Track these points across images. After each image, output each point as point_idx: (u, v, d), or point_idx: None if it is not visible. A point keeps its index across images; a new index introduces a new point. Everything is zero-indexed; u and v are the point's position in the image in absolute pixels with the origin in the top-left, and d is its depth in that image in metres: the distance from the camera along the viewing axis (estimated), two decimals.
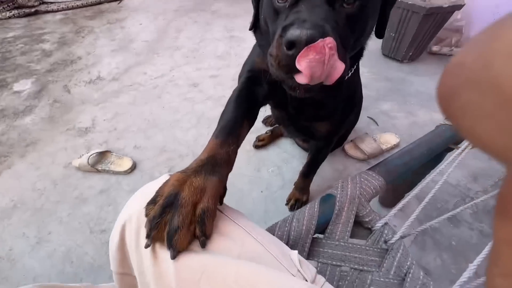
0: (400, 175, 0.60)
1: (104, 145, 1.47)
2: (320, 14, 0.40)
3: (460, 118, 0.16)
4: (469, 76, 0.14)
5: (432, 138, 0.65)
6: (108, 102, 1.76)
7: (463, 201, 1.21)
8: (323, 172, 1.32)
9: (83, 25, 2.77)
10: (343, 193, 0.53)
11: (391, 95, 1.80)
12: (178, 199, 0.38)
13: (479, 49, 0.14)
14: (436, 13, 1.75)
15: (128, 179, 1.30)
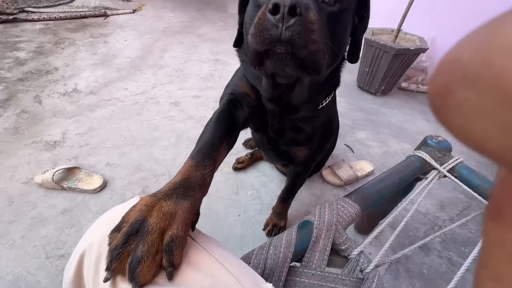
0: (374, 202, 0.61)
1: (73, 161, 1.38)
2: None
3: (454, 116, 0.15)
4: (466, 73, 0.14)
5: (402, 168, 0.69)
6: (82, 115, 1.69)
7: (432, 229, 1.26)
8: (301, 197, 1.33)
9: (64, 36, 2.71)
10: (320, 220, 0.53)
11: (365, 125, 1.90)
12: (144, 225, 0.35)
13: (477, 45, 0.14)
14: (404, 54, 1.93)
15: (96, 198, 1.21)
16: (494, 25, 0.13)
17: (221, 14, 4.11)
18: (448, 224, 1.30)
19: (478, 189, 0.67)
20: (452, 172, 0.71)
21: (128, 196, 1.23)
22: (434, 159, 0.72)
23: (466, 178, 0.69)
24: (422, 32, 2.18)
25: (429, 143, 0.76)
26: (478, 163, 1.65)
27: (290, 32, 0.37)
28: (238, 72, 0.73)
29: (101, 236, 0.36)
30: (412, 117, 2.06)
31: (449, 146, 0.74)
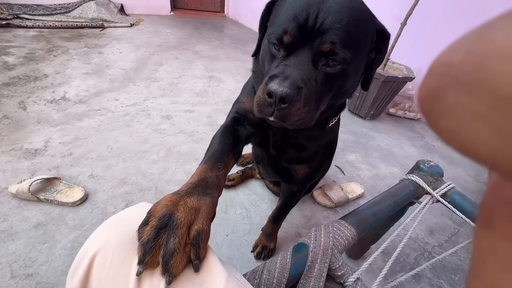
0: (370, 225, 0.60)
1: (54, 171, 1.30)
2: (302, 73, 0.48)
3: (445, 120, 0.15)
4: (457, 77, 0.14)
5: (397, 192, 0.68)
6: (69, 124, 1.63)
7: (422, 255, 1.25)
8: (291, 218, 1.30)
9: (57, 44, 2.69)
10: (316, 243, 0.51)
11: (356, 147, 1.93)
12: (173, 219, 0.36)
13: (468, 49, 0.14)
14: (392, 81, 2.02)
15: (74, 212, 1.13)
16: (484, 30, 0.14)
17: (218, 33, 4.23)
18: (437, 250, 1.29)
19: (470, 216, 0.67)
20: (444, 198, 0.71)
21: (110, 210, 1.16)
22: (427, 183, 0.72)
23: (458, 204, 0.69)
24: (408, 62, 2.30)
25: (421, 167, 0.76)
26: (463, 190, 1.69)
27: (280, 113, 0.47)
28: (246, 86, 0.76)
29: (113, 238, 0.36)
30: (400, 142, 2.11)
31: (441, 171, 0.75)
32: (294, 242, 1.21)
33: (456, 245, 1.34)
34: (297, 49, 0.49)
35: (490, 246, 0.18)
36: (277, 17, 0.53)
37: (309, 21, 0.47)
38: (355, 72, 0.55)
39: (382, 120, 2.41)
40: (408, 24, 1.93)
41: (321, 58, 0.49)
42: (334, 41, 0.47)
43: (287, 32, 0.49)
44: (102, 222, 0.39)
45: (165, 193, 1.31)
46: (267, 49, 0.55)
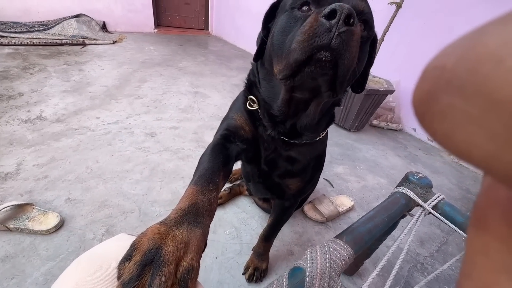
0: (365, 243, 0.58)
1: (26, 196, 1.20)
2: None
3: (438, 123, 0.15)
4: (451, 80, 0.14)
5: (390, 206, 0.68)
6: (44, 145, 1.54)
7: (415, 267, 1.24)
8: (283, 235, 1.26)
9: (34, 62, 2.59)
10: (312, 266, 0.48)
11: (343, 159, 1.94)
12: (160, 255, 0.32)
13: (461, 53, 0.14)
14: (374, 94, 2.09)
15: (48, 241, 1.04)
16: (478, 34, 0.14)
17: (202, 50, 4.27)
18: (429, 261, 1.28)
19: (462, 227, 0.66)
20: (436, 209, 0.71)
21: (88, 237, 1.08)
22: (418, 195, 0.72)
23: (449, 215, 0.69)
24: (387, 76, 2.41)
25: (410, 179, 0.76)
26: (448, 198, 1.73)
27: (340, 39, 0.39)
28: (235, 103, 0.73)
29: (90, 276, 0.31)
30: (384, 152, 2.16)
31: (429, 183, 0.76)
32: (287, 260, 1.17)
33: (446, 254, 1.35)
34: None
35: (481, 247, 0.19)
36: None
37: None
38: (366, 52, 0.55)
39: (366, 132, 2.46)
40: (385, 40, 2.03)
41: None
42: (365, 4, 0.48)
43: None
44: (78, 254, 0.35)
45: (150, 215, 1.24)
46: (288, 18, 0.50)
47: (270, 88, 0.61)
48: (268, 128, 0.63)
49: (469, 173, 2.07)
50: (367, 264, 1.17)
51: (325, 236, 1.30)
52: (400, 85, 2.52)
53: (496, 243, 0.17)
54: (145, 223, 1.18)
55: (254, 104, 0.64)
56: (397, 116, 2.62)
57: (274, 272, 1.09)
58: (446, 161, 2.20)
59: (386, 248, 1.34)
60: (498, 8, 1.84)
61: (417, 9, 2.30)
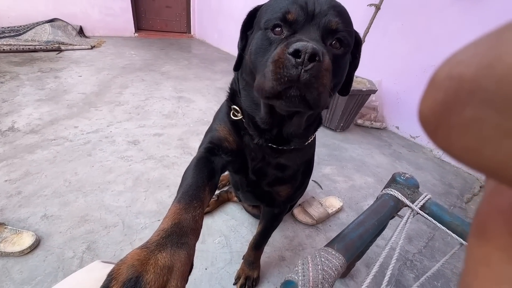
0: (357, 249, 0.57)
1: None
2: (317, 44, 0.44)
3: (458, 137, 0.14)
4: (474, 92, 0.13)
5: (379, 209, 0.67)
6: (17, 158, 1.44)
7: (404, 264, 1.25)
8: (273, 241, 1.24)
9: (5, 70, 2.45)
10: (305, 279, 0.46)
11: (330, 160, 1.96)
12: (140, 284, 0.30)
13: (483, 62, 0.13)
14: (358, 94, 2.13)
15: (22, 263, 0.97)
16: (498, 42, 0.13)
17: (185, 53, 4.20)
18: (418, 257, 1.30)
19: (450, 226, 0.67)
20: (423, 209, 0.71)
21: (68, 255, 1.01)
22: (405, 196, 0.72)
23: (437, 215, 0.69)
24: (369, 76, 2.45)
25: (398, 180, 0.77)
26: (432, 193, 1.77)
27: (308, 75, 0.40)
28: (218, 114, 0.72)
29: None
30: (370, 151, 2.19)
31: (416, 183, 0.76)
32: (279, 267, 1.15)
33: (434, 249, 1.38)
34: (303, 28, 0.48)
35: (483, 256, 0.18)
36: (267, 12, 0.51)
37: (308, 5, 0.48)
38: (347, 63, 0.55)
39: (352, 131, 2.50)
40: (366, 41, 2.07)
41: (328, 36, 0.48)
42: (338, 20, 0.48)
43: (289, 11, 0.48)
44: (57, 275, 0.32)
45: (134, 228, 1.18)
46: (262, 38, 0.51)
47: (250, 99, 0.59)
48: (254, 137, 0.61)
49: (451, 168, 2.14)
50: (359, 265, 1.17)
51: (315, 239, 1.29)
52: (382, 84, 2.58)
53: (498, 253, 0.17)
54: (129, 236, 1.12)
55: (238, 114, 0.62)
56: (380, 115, 2.68)
57: (266, 280, 1.07)
58: (429, 157, 2.26)
59: (376, 247, 1.35)
60: (472, 9, 1.93)
61: (395, 11, 2.37)
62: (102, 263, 0.37)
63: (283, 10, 0.48)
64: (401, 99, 2.55)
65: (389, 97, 2.61)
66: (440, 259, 1.32)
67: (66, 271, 0.96)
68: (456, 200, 1.77)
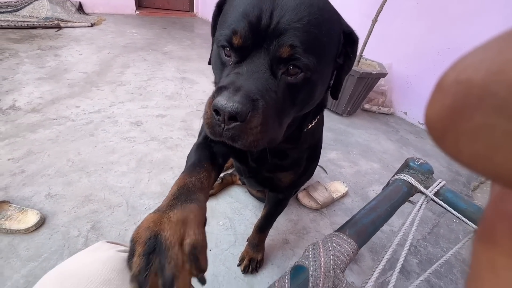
0: (369, 235, 0.55)
1: (2, 192, 1.12)
2: (258, 83, 0.40)
3: (467, 143, 0.14)
4: (484, 98, 0.13)
5: (392, 194, 0.64)
6: (19, 137, 1.42)
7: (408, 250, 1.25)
8: (277, 224, 1.23)
9: (4, 47, 2.39)
10: (316, 264, 0.44)
11: (335, 145, 1.92)
12: (160, 241, 0.33)
13: (493, 68, 0.13)
14: (367, 77, 2.05)
15: (28, 240, 0.97)
16: (510, 46, 0.13)
17: (188, 33, 4.06)
18: (422, 243, 1.30)
19: (465, 213, 0.65)
20: (437, 196, 0.68)
21: (73, 234, 1.02)
22: (419, 182, 0.70)
23: (452, 202, 0.67)
24: (379, 58, 2.36)
25: (411, 165, 0.73)
26: None
27: (230, 133, 0.39)
28: None
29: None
30: (377, 137, 2.15)
31: (431, 169, 0.73)
32: (283, 249, 1.15)
33: (438, 236, 1.37)
34: (250, 54, 0.42)
35: (489, 262, 0.18)
36: (225, 16, 0.45)
37: (262, 20, 0.40)
38: (321, 80, 0.48)
39: (358, 116, 2.44)
40: (378, 21, 1.96)
41: (279, 65, 0.42)
42: (294, 44, 0.40)
43: (236, 32, 0.41)
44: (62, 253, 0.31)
45: (138, 208, 1.18)
46: (217, 55, 0.48)
47: None
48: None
49: None
50: (363, 250, 1.17)
51: (319, 223, 1.29)
52: (392, 68, 2.49)
53: (505, 259, 0.17)
54: (133, 217, 1.12)
55: None
56: (388, 100, 2.60)
57: (270, 262, 1.07)
58: None
59: (380, 233, 1.35)
60: None
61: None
62: (107, 243, 0.36)
63: (232, 28, 0.42)
64: (411, 83, 2.46)
65: (398, 81, 2.52)
66: (444, 245, 1.31)
67: (72, 249, 0.97)
68: (462, 188, 1.74)
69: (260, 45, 0.41)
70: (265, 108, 0.39)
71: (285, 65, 0.42)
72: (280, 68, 0.42)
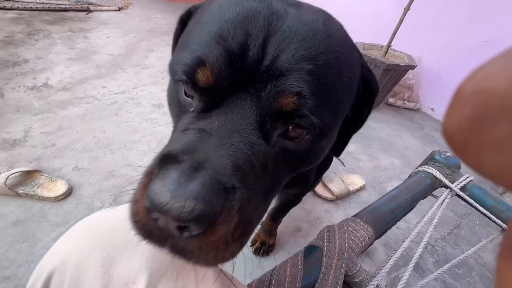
0: (387, 223, 0.54)
1: (35, 163, 1.20)
2: (238, 153, 0.25)
3: (490, 155, 0.14)
4: (507, 108, 0.12)
5: (414, 185, 0.62)
6: (51, 113, 1.51)
7: (425, 248, 1.21)
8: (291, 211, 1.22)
9: (39, 28, 2.50)
10: (330, 246, 0.44)
11: (355, 138, 1.86)
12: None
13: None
14: (394, 69, 1.95)
15: (57, 207, 1.04)
16: None
17: None
18: (440, 243, 1.26)
19: (492, 211, 0.61)
20: (464, 191, 0.65)
21: (96, 205, 1.08)
22: (444, 176, 0.66)
23: (479, 198, 0.63)
24: (409, 50, 2.23)
25: (437, 158, 0.70)
26: None
27: (180, 246, 0.24)
28: None
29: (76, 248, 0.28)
30: (399, 132, 2.06)
31: (458, 163, 0.69)
32: (295, 236, 1.15)
33: (459, 237, 1.32)
34: (227, 100, 0.28)
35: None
36: (189, 35, 0.32)
37: (250, 50, 0.26)
38: (330, 143, 0.37)
39: (381, 110, 2.35)
40: (411, 9, 1.85)
41: (275, 122, 0.28)
42: (303, 93, 0.26)
43: (204, 63, 0.27)
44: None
45: None
46: (172, 93, 0.35)
47: None
48: None
49: None
50: (376, 244, 1.15)
51: (333, 215, 1.27)
52: (421, 61, 2.35)
53: None
54: None
55: None
56: (415, 94, 2.47)
57: (281, 248, 1.09)
58: None
59: (396, 228, 1.31)
60: None
61: None
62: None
63: (196, 54, 0.27)
64: (442, 78, 2.32)
65: (428, 75, 2.39)
66: (464, 247, 1.26)
67: None
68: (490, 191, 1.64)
69: (243, 88, 0.27)
70: (245, 200, 0.24)
71: (285, 124, 0.28)
72: (276, 127, 0.28)
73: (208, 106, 0.29)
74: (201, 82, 0.27)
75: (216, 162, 0.24)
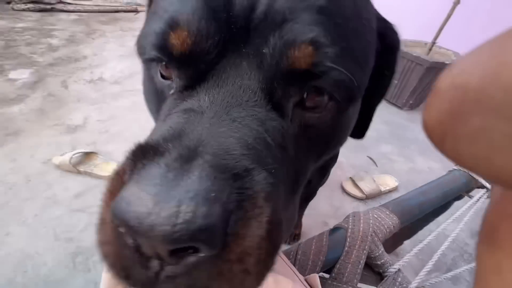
0: (414, 216, 0.55)
1: (92, 146, 1.38)
2: (244, 129, 0.19)
3: (466, 146, 0.14)
4: (481, 101, 0.13)
5: (446, 182, 0.62)
6: (105, 103, 1.71)
7: (461, 256, 1.15)
8: (318, 207, 1.26)
9: (95, 28, 2.80)
10: (354, 228, 0.47)
11: (390, 139, 1.81)
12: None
13: (488, 71, 0.13)
14: (438, 68, 1.84)
15: None
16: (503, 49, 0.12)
17: None
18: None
19: None
20: None
21: None
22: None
23: None
24: (457, 47, 2.08)
25: None
26: None
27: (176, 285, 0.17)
28: None
29: None
30: None
31: None
32: (321, 230, 1.17)
33: None
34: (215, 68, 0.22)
35: (494, 265, 0.17)
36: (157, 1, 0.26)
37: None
38: (356, 112, 0.31)
39: (421, 111, 2.21)
40: (460, 3, 1.72)
41: (289, 87, 0.21)
42: (318, 39, 0.19)
43: (176, 20, 0.21)
44: None
45: None
46: (147, 80, 0.29)
47: None
48: None
49: None
50: (406, 244, 1.12)
51: None
52: None
53: (509, 261, 0.16)
54: None
55: None
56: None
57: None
58: None
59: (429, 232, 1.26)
60: None
61: None
62: None
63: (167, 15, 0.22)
64: None
65: None
66: None
67: None
68: None
69: (235, 48, 0.21)
70: (270, 185, 0.18)
71: (301, 88, 0.22)
72: (291, 94, 0.21)
73: (192, 81, 0.22)
74: (176, 48, 0.21)
75: (215, 143, 0.18)
